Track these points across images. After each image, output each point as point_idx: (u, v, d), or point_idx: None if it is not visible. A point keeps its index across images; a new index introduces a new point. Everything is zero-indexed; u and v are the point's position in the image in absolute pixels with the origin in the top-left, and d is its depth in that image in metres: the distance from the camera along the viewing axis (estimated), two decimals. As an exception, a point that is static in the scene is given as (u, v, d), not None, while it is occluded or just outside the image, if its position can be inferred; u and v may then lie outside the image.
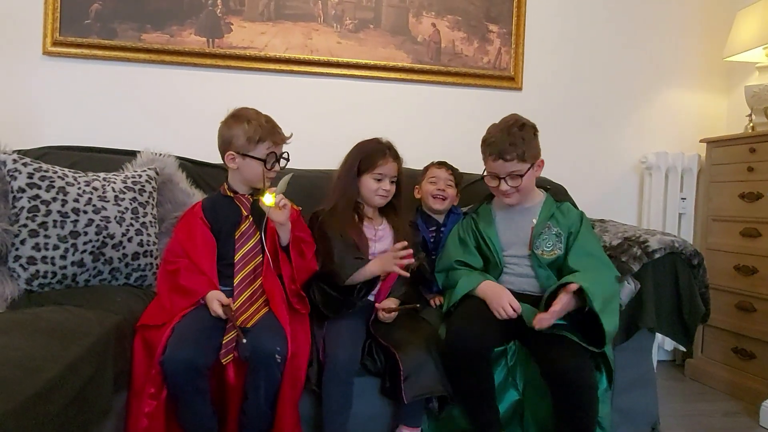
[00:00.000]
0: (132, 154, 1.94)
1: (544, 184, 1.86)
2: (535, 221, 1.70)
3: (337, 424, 1.45)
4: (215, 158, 1.89)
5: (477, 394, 1.52)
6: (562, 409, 1.47)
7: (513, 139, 1.61)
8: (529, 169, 1.64)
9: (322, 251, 1.64)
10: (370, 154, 1.73)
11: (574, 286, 1.45)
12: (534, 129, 1.67)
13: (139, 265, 1.69)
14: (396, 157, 1.75)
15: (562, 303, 1.44)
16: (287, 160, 1.65)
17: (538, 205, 1.74)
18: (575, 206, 1.80)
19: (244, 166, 1.59)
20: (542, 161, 1.70)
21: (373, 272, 1.59)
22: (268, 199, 1.45)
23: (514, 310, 1.53)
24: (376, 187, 1.72)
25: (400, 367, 1.45)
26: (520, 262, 1.70)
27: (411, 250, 1.57)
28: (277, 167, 1.60)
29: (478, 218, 1.79)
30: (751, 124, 2.43)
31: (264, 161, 1.57)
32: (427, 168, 2.01)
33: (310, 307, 1.57)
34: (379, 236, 1.75)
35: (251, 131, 1.57)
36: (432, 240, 1.92)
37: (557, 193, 1.84)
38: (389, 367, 1.50)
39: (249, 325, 1.41)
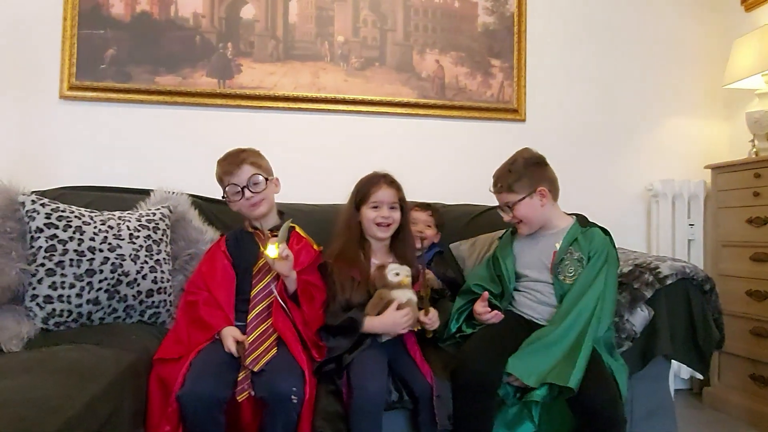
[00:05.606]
0: (146, 193, 1.96)
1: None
2: (557, 245, 1.71)
3: None
4: (227, 195, 1.95)
5: (475, 428, 1.49)
6: None
7: (501, 173, 1.73)
8: (522, 199, 1.68)
9: (330, 297, 1.62)
10: (365, 184, 1.74)
11: None
12: (528, 160, 1.72)
13: (153, 302, 1.71)
14: (392, 184, 1.73)
15: None
16: (262, 183, 1.66)
17: (563, 230, 1.74)
18: (606, 233, 1.73)
19: (234, 206, 1.70)
20: (543, 190, 1.70)
21: (376, 331, 1.55)
22: (272, 252, 1.47)
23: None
24: (374, 216, 1.69)
25: (433, 390, 1.46)
26: (543, 289, 1.69)
27: (435, 316, 1.59)
28: (247, 194, 1.64)
29: (499, 244, 1.85)
30: (755, 150, 2.45)
31: (227, 197, 1.68)
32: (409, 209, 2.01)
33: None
34: None
35: (216, 176, 1.72)
36: None
37: (585, 219, 1.80)
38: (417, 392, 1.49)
39: (257, 368, 1.39)
